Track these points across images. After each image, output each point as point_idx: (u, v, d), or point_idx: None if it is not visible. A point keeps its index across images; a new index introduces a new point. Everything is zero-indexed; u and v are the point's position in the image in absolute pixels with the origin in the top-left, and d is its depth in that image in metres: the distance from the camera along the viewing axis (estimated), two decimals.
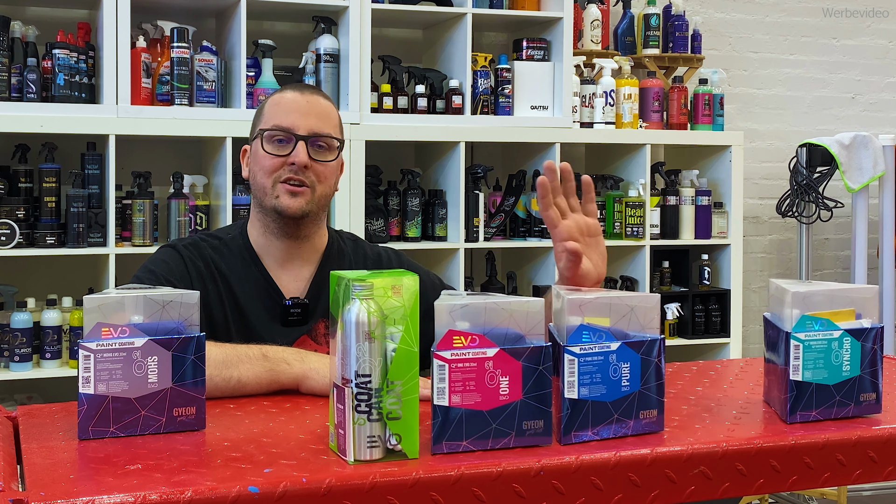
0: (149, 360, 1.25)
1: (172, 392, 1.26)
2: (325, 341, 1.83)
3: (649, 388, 1.26)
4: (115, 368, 1.23)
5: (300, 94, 1.84)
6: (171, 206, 3.20)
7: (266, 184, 1.80)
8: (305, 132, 1.80)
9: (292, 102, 1.83)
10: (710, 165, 3.98)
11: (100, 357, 1.23)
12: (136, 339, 1.25)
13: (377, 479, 1.08)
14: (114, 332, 1.24)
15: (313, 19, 3.43)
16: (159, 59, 3.22)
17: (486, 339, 1.17)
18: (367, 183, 3.38)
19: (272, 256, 1.86)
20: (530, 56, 3.65)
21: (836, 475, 1.26)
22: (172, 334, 1.27)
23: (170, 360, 1.26)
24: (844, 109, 4.61)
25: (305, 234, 1.85)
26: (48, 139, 3.11)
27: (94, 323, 1.24)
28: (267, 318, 1.82)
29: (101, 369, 1.23)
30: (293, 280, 1.86)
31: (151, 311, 1.27)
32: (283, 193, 1.79)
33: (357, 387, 1.12)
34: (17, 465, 1.19)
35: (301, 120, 1.81)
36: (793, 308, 1.32)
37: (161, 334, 1.27)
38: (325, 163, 1.82)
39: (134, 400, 1.25)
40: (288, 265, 1.86)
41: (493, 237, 3.60)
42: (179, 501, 1.02)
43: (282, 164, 1.80)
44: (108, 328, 1.24)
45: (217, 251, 1.85)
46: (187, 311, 1.29)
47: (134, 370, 1.24)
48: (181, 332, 1.28)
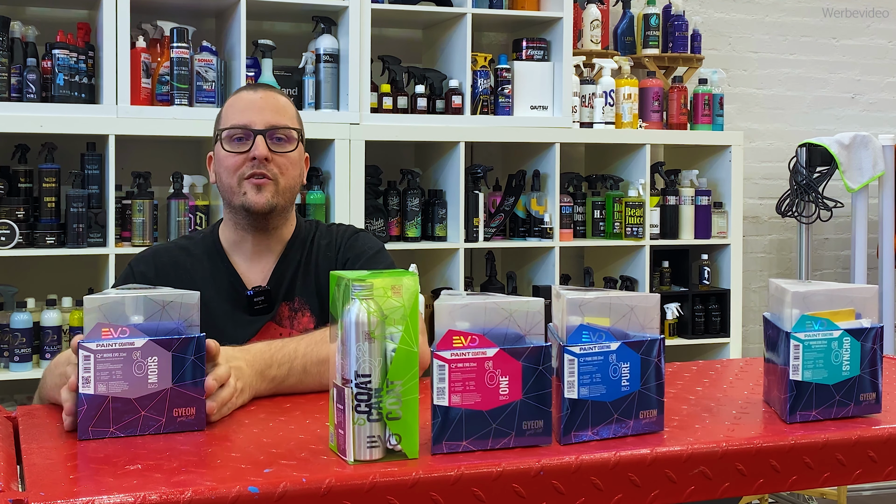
0: (149, 360, 1.25)
1: (172, 392, 1.26)
2: (288, 324, 1.89)
3: (649, 388, 1.26)
4: (115, 369, 1.24)
5: (254, 92, 1.90)
6: (170, 206, 3.20)
7: (232, 183, 1.85)
8: (262, 126, 1.84)
9: (247, 101, 1.88)
10: (709, 165, 3.98)
11: (100, 357, 1.23)
12: (136, 340, 1.25)
13: (377, 479, 1.08)
14: (114, 332, 1.24)
15: (313, 19, 3.43)
16: (159, 59, 3.22)
17: (486, 339, 1.17)
18: (367, 183, 3.38)
19: (242, 251, 1.92)
20: (530, 56, 3.65)
21: (836, 475, 1.26)
22: (173, 335, 1.27)
23: (170, 361, 1.26)
24: (844, 109, 4.61)
25: (274, 227, 1.91)
26: (48, 139, 3.11)
27: (94, 323, 1.24)
28: (231, 309, 1.87)
29: (101, 369, 1.23)
30: (259, 272, 1.91)
31: (151, 311, 1.27)
32: (249, 189, 1.84)
33: (357, 387, 1.12)
34: (17, 465, 1.19)
35: (257, 115, 1.85)
36: (792, 308, 1.32)
37: (161, 335, 1.27)
38: (285, 153, 1.86)
39: (134, 400, 1.25)
40: (255, 258, 1.92)
41: (493, 237, 3.60)
42: (179, 501, 1.02)
43: (244, 161, 1.84)
44: (109, 328, 1.24)
45: (183, 250, 1.93)
46: (187, 311, 1.29)
47: (134, 370, 1.25)
48: (181, 332, 1.28)
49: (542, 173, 3.65)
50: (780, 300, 1.36)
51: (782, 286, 1.36)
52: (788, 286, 1.35)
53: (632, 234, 3.71)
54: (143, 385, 1.25)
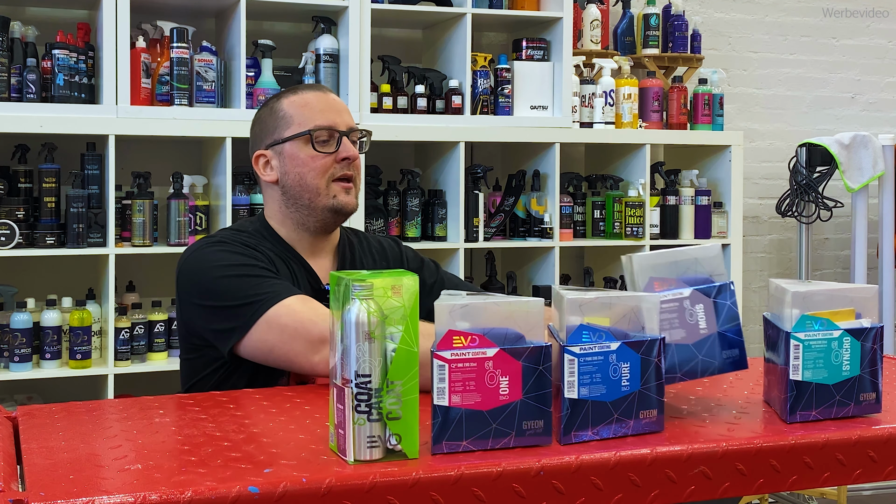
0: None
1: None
2: None
3: (649, 388, 1.26)
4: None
5: (322, 94, 1.91)
6: (170, 206, 3.20)
7: (319, 184, 1.85)
8: (345, 128, 1.88)
9: (323, 101, 1.89)
10: (709, 165, 3.98)
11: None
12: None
13: (377, 479, 1.08)
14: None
15: (313, 19, 3.43)
16: (159, 59, 3.22)
17: (486, 339, 1.16)
18: (367, 183, 3.38)
19: (302, 249, 1.92)
20: (530, 56, 3.65)
21: (836, 475, 1.26)
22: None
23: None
24: (844, 109, 4.61)
25: (336, 228, 1.94)
26: (48, 139, 3.11)
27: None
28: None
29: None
30: (322, 269, 1.93)
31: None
32: (339, 192, 1.86)
33: (357, 387, 1.12)
34: (17, 465, 1.19)
35: (337, 117, 1.88)
36: (792, 308, 1.32)
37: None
38: (361, 155, 1.92)
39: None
40: (315, 256, 1.93)
41: (493, 237, 3.60)
42: (179, 501, 1.02)
43: (332, 163, 1.86)
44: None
45: (254, 239, 1.86)
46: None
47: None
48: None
49: (542, 173, 3.65)
50: (780, 300, 1.36)
51: (782, 286, 1.36)
52: (788, 286, 1.35)
53: (632, 234, 3.71)
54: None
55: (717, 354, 1.38)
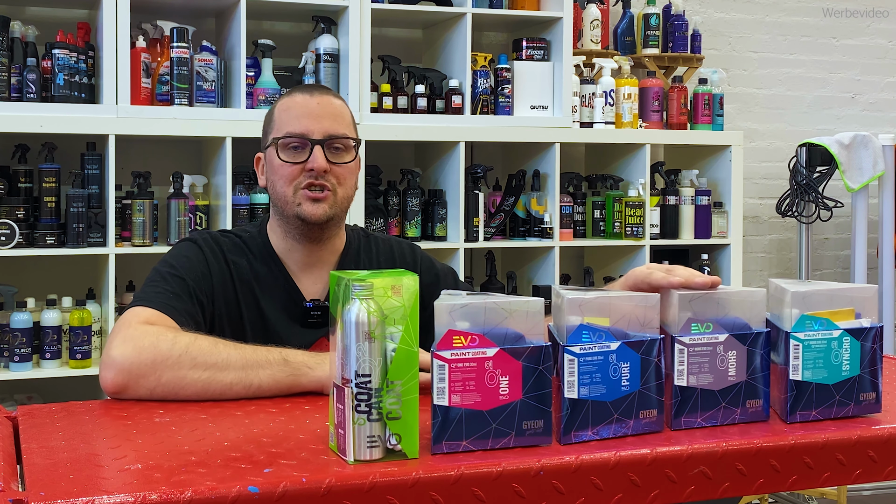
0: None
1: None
2: None
3: (649, 388, 1.26)
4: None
5: (310, 96, 1.81)
6: (170, 206, 3.20)
7: (286, 192, 1.78)
8: (320, 135, 1.77)
9: (303, 106, 1.80)
10: (709, 165, 3.98)
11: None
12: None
13: (377, 479, 1.08)
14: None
15: (313, 19, 3.43)
16: (159, 59, 3.22)
17: (486, 339, 1.16)
18: (367, 183, 3.38)
19: (293, 259, 1.84)
20: (530, 56, 3.65)
21: (836, 475, 1.26)
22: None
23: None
24: (844, 109, 4.61)
25: (327, 237, 1.84)
26: (48, 139, 3.11)
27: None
28: (286, 319, 1.81)
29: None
30: (313, 283, 1.85)
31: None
32: (304, 201, 1.77)
33: (357, 387, 1.12)
34: (17, 465, 1.19)
35: (314, 124, 1.78)
36: (792, 308, 1.32)
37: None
38: (343, 164, 1.80)
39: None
40: (308, 268, 1.85)
41: (493, 237, 3.60)
42: (179, 501, 1.01)
43: (300, 172, 1.77)
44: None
45: (238, 249, 1.83)
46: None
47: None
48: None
49: (542, 173, 3.65)
50: (780, 300, 1.36)
51: (782, 286, 1.36)
52: (788, 286, 1.34)
53: (632, 233, 3.71)
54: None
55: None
